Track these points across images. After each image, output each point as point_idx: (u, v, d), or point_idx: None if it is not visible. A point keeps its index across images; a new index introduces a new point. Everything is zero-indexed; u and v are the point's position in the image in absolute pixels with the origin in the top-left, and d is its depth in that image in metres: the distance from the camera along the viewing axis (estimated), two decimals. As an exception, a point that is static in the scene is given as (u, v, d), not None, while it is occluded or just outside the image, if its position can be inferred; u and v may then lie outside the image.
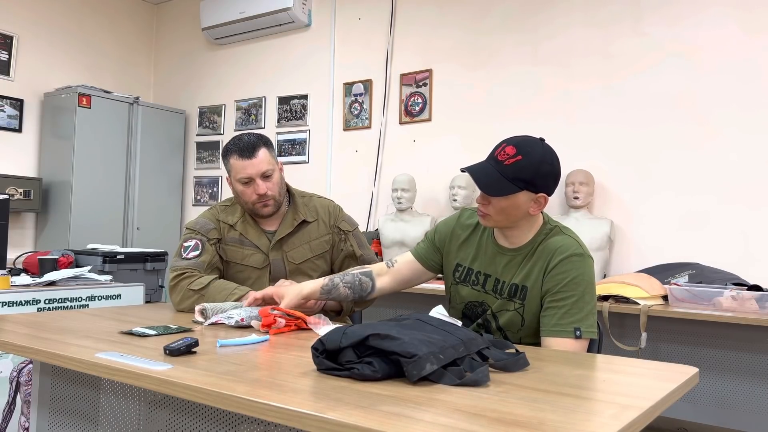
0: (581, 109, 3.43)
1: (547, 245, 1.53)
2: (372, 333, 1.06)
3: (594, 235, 3.14)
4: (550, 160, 1.48)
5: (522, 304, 1.54)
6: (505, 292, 1.57)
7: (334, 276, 1.73)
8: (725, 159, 3.02)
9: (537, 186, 1.47)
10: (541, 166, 1.45)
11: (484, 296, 1.61)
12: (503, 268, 1.58)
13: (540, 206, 1.50)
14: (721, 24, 3.06)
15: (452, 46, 3.90)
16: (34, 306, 2.44)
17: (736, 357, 2.75)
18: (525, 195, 1.47)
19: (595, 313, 1.50)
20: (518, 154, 1.45)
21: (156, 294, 3.57)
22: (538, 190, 1.48)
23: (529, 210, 1.50)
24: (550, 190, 1.50)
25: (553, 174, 1.49)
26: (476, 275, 1.63)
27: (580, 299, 1.47)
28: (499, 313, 1.58)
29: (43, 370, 1.57)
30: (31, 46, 4.68)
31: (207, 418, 1.23)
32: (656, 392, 1.02)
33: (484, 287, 1.61)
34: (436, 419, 0.84)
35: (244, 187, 1.91)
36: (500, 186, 1.45)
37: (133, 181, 4.82)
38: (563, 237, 1.54)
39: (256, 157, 1.89)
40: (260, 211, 1.94)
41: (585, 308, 1.48)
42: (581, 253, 1.51)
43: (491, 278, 1.60)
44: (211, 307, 1.61)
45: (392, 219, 3.72)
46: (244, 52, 4.95)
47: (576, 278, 1.48)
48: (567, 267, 1.49)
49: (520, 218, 1.51)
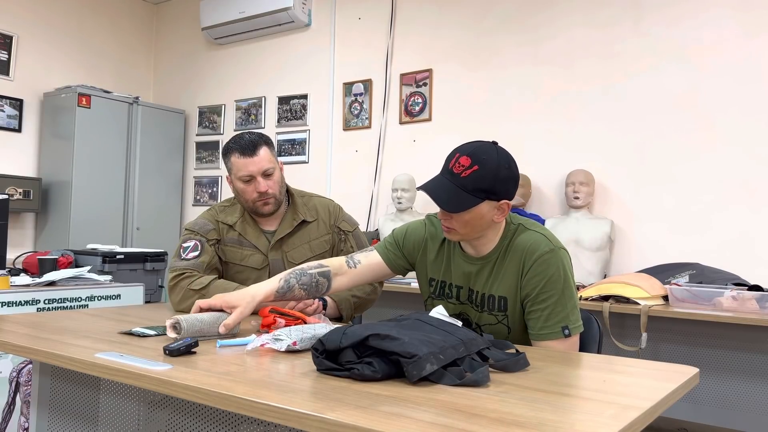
0: (582, 110, 3.43)
1: (515, 247, 1.50)
2: (372, 333, 1.06)
3: (594, 235, 3.14)
4: (507, 164, 1.43)
5: (505, 315, 1.52)
6: (485, 305, 1.54)
7: (289, 276, 1.59)
8: (725, 159, 3.02)
9: (498, 193, 1.42)
10: (499, 172, 1.41)
11: (462, 307, 1.58)
12: (475, 278, 1.54)
13: (503, 213, 1.46)
14: (721, 25, 3.06)
15: (452, 46, 3.90)
16: (34, 306, 2.44)
17: (736, 357, 2.75)
18: (487, 205, 1.43)
19: (577, 306, 1.49)
20: (474, 164, 1.40)
21: (156, 294, 3.56)
22: (500, 198, 1.43)
23: (493, 218, 1.46)
24: (511, 194, 1.46)
25: (513, 178, 1.45)
26: (449, 288, 1.59)
27: (561, 296, 1.46)
28: (483, 327, 1.56)
29: (42, 370, 1.57)
30: (31, 46, 4.68)
31: (207, 419, 1.23)
32: (656, 392, 1.01)
33: (459, 299, 1.58)
34: (436, 419, 0.84)
35: (245, 186, 1.91)
36: (460, 200, 1.40)
37: (133, 181, 4.82)
38: (529, 234, 1.50)
39: (257, 155, 1.89)
40: (261, 210, 1.94)
41: (568, 304, 1.46)
42: (552, 248, 1.47)
43: (464, 289, 1.57)
44: (185, 319, 1.35)
45: (392, 219, 3.72)
46: (244, 52, 4.94)
47: (552, 276, 1.45)
48: (541, 267, 1.45)
49: (486, 228, 1.48)
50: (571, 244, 3.13)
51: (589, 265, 3.14)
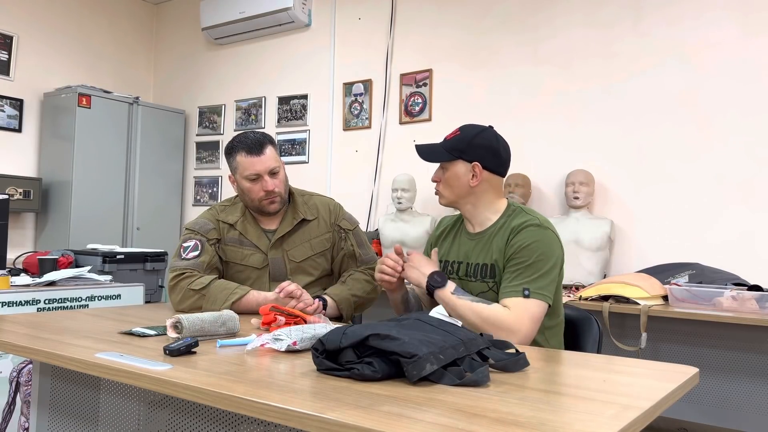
0: (581, 110, 3.43)
1: (508, 223, 1.62)
2: (372, 333, 1.06)
3: (594, 235, 3.14)
4: (487, 137, 1.63)
5: (495, 282, 1.61)
6: (478, 274, 1.64)
7: None
8: (725, 159, 3.02)
9: (469, 154, 1.61)
10: (475, 139, 1.62)
11: (460, 282, 1.66)
12: (472, 252, 1.67)
13: (477, 177, 1.62)
14: (721, 25, 3.06)
15: (452, 46, 3.90)
16: (34, 306, 2.44)
17: (736, 357, 2.75)
18: (462, 165, 1.63)
19: (550, 278, 1.54)
20: (458, 131, 1.66)
21: (156, 294, 3.57)
22: (472, 159, 1.61)
23: (469, 182, 1.62)
24: (485, 161, 1.62)
25: (489, 147, 1.63)
26: (452, 265, 1.72)
27: (534, 264, 1.53)
28: (478, 296, 1.62)
29: (42, 370, 1.57)
30: (31, 46, 4.68)
31: (207, 418, 1.23)
32: (656, 392, 1.02)
33: (458, 274, 1.69)
34: (436, 419, 0.84)
35: (252, 184, 1.91)
36: (436, 154, 1.65)
37: (133, 181, 4.82)
38: (524, 214, 1.63)
39: (264, 153, 1.89)
40: (267, 208, 1.93)
41: (538, 272, 1.53)
42: (538, 223, 1.58)
43: (463, 264, 1.69)
44: (186, 318, 1.35)
45: (392, 219, 3.72)
46: (244, 52, 4.95)
47: (531, 245, 1.55)
48: (523, 236, 1.57)
49: (467, 192, 1.64)
50: (571, 244, 3.13)
51: (588, 265, 3.14)
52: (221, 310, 1.46)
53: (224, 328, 1.42)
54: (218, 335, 1.41)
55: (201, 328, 1.37)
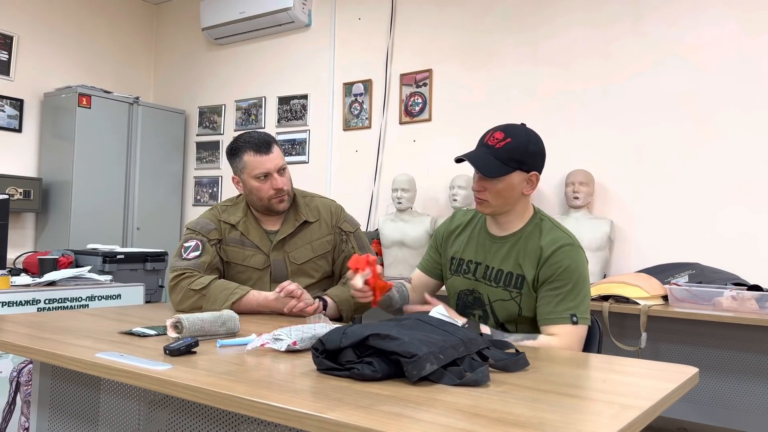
0: (581, 110, 3.43)
1: (537, 236, 1.60)
2: (372, 333, 1.06)
3: (594, 235, 3.14)
4: (536, 141, 1.58)
5: (519, 293, 1.59)
6: (500, 280, 1.62)
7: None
8: (725, 159, 3.02)
9: (528, 165, 1.56)
10: (530, 146, 1.55)
11: (475, 284, 1.66)
12: (493, 255, 1.64)
13: (532, 186, 1.59)
14: (721, 24, 3.06)
15: (452, 46, 3.90)
16: (34, 306, 2.44)
17: (736, 357, 2.75)
18: (518, 175, 1.56)
19: (588, 301, 1.56)
20: (507, 137, 1.55)
21: (156, 294, 3.57)
22: (530, 169, 1.57)
23: (523, 190, 1.58)
24: (540, 168, 1.59)
25: (541, 153, 1.59)
26: (467, 264, 1.69)
27: (575, 287, 1.53)
28: (495, 303, 1.62)
29: (43, 370, 1.57)
30: (31, 46, 4.68)
31: (207, 418, 1.23)
32: (656, 392, 1.02)
33: (475, 275, 1.67)
34: (436, 419, 0.84)
35: (261, 183, 1.90)
36: (496, 168, 1.53)
37: (133, 181, 4.82)
38: (553, 228, 1.61)
39: (272, 152, 1.90)
40: (276, 207, 1.93)
41: (579, 296, 1.54)
42: (572, 243, 1.58)
43: (482, 265, 1.66)
44: (186, 318, 1.35)
45: (392, 219, 3.72)
46: (244, 52, 4.95)
47: (569, 267, 1.54)
48: (560, 257, 1.55)
49: (516, 200, 1.59)
50: (571, 244, 3.13)
51: (588, 265, 3.14)
52: (221, 310, 1.46)
53: (224, 328, 1.42)
54: (218, 335, 1.41)
55: (201, 328, 1.37)
